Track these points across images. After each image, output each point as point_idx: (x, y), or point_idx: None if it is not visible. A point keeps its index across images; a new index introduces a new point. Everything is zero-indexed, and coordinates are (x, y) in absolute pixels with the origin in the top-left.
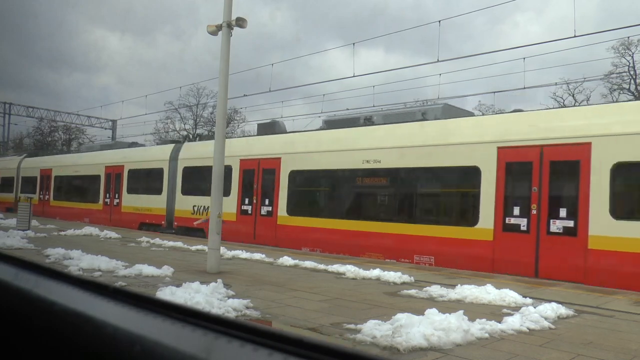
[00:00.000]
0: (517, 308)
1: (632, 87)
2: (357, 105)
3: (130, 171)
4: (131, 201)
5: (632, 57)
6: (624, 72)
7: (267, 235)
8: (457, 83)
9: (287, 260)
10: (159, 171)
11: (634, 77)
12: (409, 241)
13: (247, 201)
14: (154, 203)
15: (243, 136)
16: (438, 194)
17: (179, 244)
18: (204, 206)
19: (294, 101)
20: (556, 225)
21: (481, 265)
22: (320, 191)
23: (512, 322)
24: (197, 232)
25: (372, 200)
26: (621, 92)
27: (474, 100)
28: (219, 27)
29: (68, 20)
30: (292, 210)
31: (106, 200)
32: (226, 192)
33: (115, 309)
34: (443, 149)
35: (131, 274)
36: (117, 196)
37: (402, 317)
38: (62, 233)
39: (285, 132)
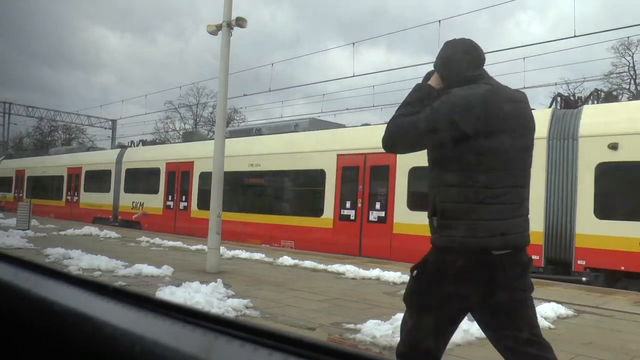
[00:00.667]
0: None
1: (632, 87)
2: (357, 105)
3: (86, 172)
4: (87, 198)
5: (632, 57)
6: (624, 72)
7: (183, 226)
8: None
9: (286, 260)
10: (108, 172)
11: (634, 77)
12: (278, 229)
13: (170, 198)
14: (104, 200)
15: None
16: (297, 191)
17: (179, 243)
18: (141, 202)
19: (294, 101)
20: (373, 215)
21: (325, 248)
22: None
23: None
24: (136, 224)
25: (255, 196)
26: (621, 92)
27: None
28: (218, 27)
29: (68, 19)
30: (200, 205)
31: (68, 197)
32: (155, 190)
33: (115, 308)
34: (300, 155)
35: (131, 273)
36: (76, 194)
37: (402, 317)
38: (62, 233)
39: (204, 139)
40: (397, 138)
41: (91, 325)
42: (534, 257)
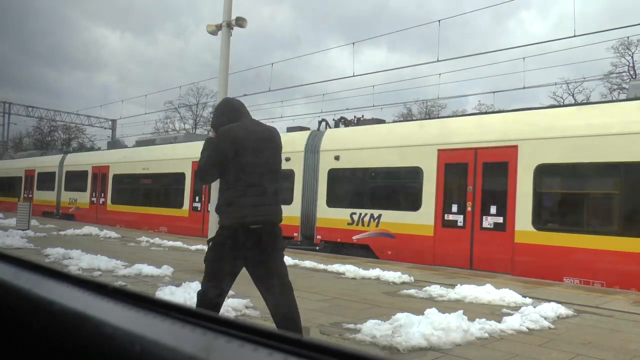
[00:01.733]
0: (516, 308)
1: None
2: (358, 104)
3: (39, 174)
4: (39, 196)
5: (632, 57)
6: (624, 72)
7: (102, 217)
8: (458, 82)
9: (286, 260)
10: (53, 174)
11: (634, 77)
12: (156, 218)
13: (94, 195)
14: (50, 197)
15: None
16: (166, 189)
17: (179, 243)
18: (75, 199)
19: (295, 100)
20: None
21: (186, 232)
22: (126, 188)
23: (512, 322)
24: (72, 216)
25: (144, 193)
26: (621, 92)
27: (474, 100)
28: (218, 27)
29: (68, 18)
30: (113, 200)
31: (24, 195)
32: (84, 189)
33: (115, 308)
34: (168, 161)
35: (131, 273)
36: (30, 192)
37: (401, 317)
38: (62, 233)
39: (124, 147)
40: (204, 173)
41: (91, 325)
42: (295, 234)
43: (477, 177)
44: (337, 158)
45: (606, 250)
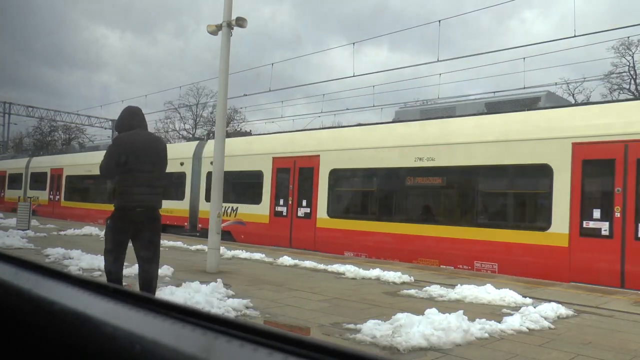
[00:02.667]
0: (516, 308)
1: (632, 87)
2: (358, 104)
3: (9, 175)
4: (10, 194)
5: (632, 57)
6: (624, 72)
7: (58, 212)
8: (459, 82)
9: (286, 260)
10: (20, 175)
11: (634, 77)
12: (98, 212)
13: (51, 193)
14: (17, 195)
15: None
16: (100, 189)
17: (179, 243)
18: (38, 197)
19: (295, 100)
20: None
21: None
22: (76, 187)
23: (512, 322)
24: (33, 212)
25: (93, 192)
26: (621, 92)
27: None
28: (218, 27)
29: (69, 18)
30: (66, 198)
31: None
32: (44, 188)
33: (115, 308)
34: (93, 165)
35: (131, 273)
36: (3, 192)
37: (401, 317)
38: (62, 233)
39: (75, 152)
40: (105, 171)
41: (91, 325)
42: (185, 223)
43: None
44: (212, 163)
45: (369, 231)
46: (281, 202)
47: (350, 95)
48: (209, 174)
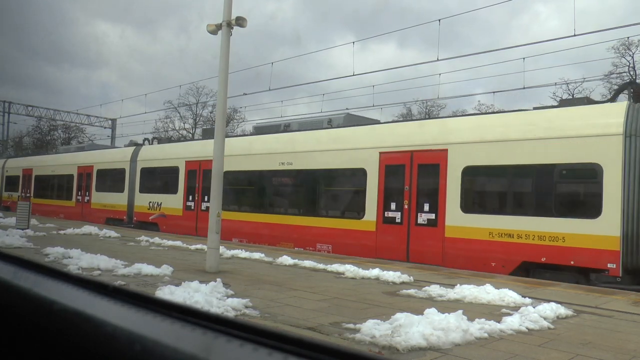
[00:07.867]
0: (516, 308)
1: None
2: (359, 103)
3: None
4: None
5: (632, 57)
6: (624, 72)
7: (36, 209)
8: (461, 82)
9: (286, 259)
10: None
11: (634, 77)
12: (62, 209)
13: (22, 191)
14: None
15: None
16: (65, 186)
17: (178, 243)
18: (11, 194)
19: (296, 99)
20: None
21: (72, 215)
22: (43, 185)
23: (511, 322)
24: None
25: (57, 188)
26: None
27: (474, 100)
28: (218, 27)
29: (69, 15)
30: (35, 195)
31: None
32: (16, 189)
33: (115, 308)
34: (64, 167)
35: (130, 273)
36: None
37: (401, 317)
38: (62, 232)
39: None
40: None
41: (91, 324)
42: (124, 217)
43: (199, 179)
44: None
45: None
46: (190, 197)
47: (351, 94)
48: (141, 172)
